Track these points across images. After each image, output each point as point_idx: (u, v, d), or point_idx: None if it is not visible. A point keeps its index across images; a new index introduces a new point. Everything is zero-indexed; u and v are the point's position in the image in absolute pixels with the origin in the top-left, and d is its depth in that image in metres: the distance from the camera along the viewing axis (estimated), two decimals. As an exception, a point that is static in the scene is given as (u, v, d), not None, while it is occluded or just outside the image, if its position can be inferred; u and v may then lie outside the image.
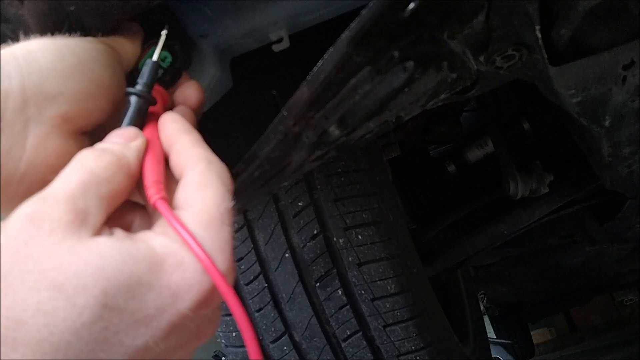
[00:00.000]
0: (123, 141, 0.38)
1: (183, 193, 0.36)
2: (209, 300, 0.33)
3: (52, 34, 0.42)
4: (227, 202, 0.36)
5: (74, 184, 0.33)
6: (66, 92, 0.38)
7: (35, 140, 0.37)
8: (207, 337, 0.35)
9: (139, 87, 0.43)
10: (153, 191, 0.36)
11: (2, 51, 0.37)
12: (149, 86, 0.44)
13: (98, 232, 0.32)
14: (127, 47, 0.46)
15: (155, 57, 0.46)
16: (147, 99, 0.43)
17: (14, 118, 0.36)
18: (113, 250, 0.30)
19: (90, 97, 0.39)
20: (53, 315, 0.28)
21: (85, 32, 0.45)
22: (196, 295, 0.32)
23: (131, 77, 0.45)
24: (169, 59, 0.50)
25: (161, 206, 0.35)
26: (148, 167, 0.38)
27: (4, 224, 0.30)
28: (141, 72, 0.44)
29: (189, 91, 0.47)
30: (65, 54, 0.39)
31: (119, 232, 0.33)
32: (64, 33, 0.42)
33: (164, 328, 0.31)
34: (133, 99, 0.42)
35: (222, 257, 0.33)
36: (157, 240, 0.33)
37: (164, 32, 0.48)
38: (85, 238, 0.31)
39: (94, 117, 0.40)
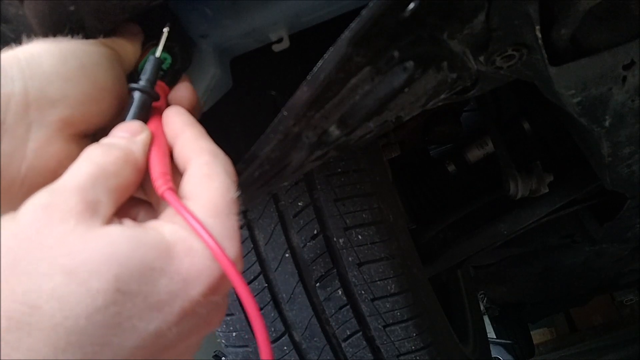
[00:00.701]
0: (129, 135, 0.38)
1: (189, 184, 0.37)
2: (219, 286, 0.33)
3: (54, 34, 0.42)
4: (233, 193, 0.36)
5: (83, 176, 0.33)
6: (69, 95, 0.38)
7: (37, 144, 0.37)
8: (216, 324, 0.35)
9: (142, 83, 0.43)
10: (160, 182, 0.36)
11: (6, 54, 0.37)
12: (152, 82, 0.44)
13: (108, 222, 0.32)
14: (128, 48, 0.46)
15: (157, 54, 0.47)
16: (150, 95, 0.43)
17: (16, 122, 0.36)
18: (124, 236, 0.31)
19: (93, 101, 0.40)
20: (67, 300, 0.28)
21: (85, 32, 0.45)
22: (207, 280, 0.32)
23: (130, 79, 0.46)
24: (169, 60, 0.50)
25: (169, 196, 0.35)
26: (154, 159, 0.38)
27: (15, 215, 0.31)
28: (144, 68, 0.45)
29: (180, 93, 0.47)
30: (68, 58, 0.39)
31: (128, 222, 0.33)
32: (66, 34, 0.42)
33: (176, 313, 0.31)
34: (136, 95, 0.42)
35: (230, 244, 0.34)
36: (166, 227, 0.33)
37: (165, 30, 0.48)
38: (96, 226, 0.31)
39: (95, 120, 0.41)
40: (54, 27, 0.44)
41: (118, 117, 0.42)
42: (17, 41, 0.40)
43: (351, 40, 0.46)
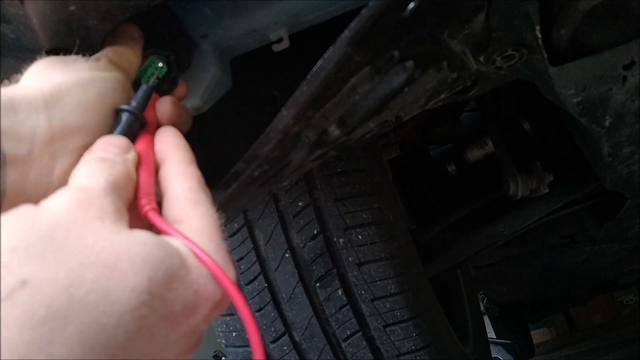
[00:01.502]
0: (119, 151, 0.39)
1: (177, 208, 0.37)
2: (222, 303, 0.34)
3: (55, 34, 0.42)
4: (218, 219, 0.38)
5: (106, 183, 0.34)
6: (90, 123, 0.40)
7: (62, 172, 0.38)
8: (198, 346, 0.35)
9: (133, 105, 0.43)
10: (145, 202, 0.37)
11: (30, 86, 0.39)
12: (141, 109, 0.44)
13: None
14: (132, 58, 0.47)
15: (151, 82, 0.47)
16: (138, 118, 0.43)
17: (42, 151, 0.37)
18: (155, 242, 0.31)
19: (111, 126, 0.41)
20: (105, 295, 0.27)
21: (87, 31, 0.45)
22: (214, 296, 0.33)
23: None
24: (165, 68, 0.50)
25: (154, 217, 0.36)
26: (140, 178, 0.39)
27: (41, 206, 0.30)
28: (135, 94, 0.45)
29: (161, 108, 0.48)
30: (87, 87, 0.40)
31: (146, 231, 0.34)
32: (72, 39, 0.43)
33: (185, 326, 0.31)
34: (125, 116, 0.42)
35: (229, 267, 0.35)
36: (175, 240, 0.34)
37: (160, 64, 0.50)
38: (127, 229, 0.31)
39: None
40: (55, 27, 0.44)
41: None
42: (17, 41, 0.40)
43: (351, 40, 0.45)
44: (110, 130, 0.41)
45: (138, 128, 0.43)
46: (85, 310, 0.26)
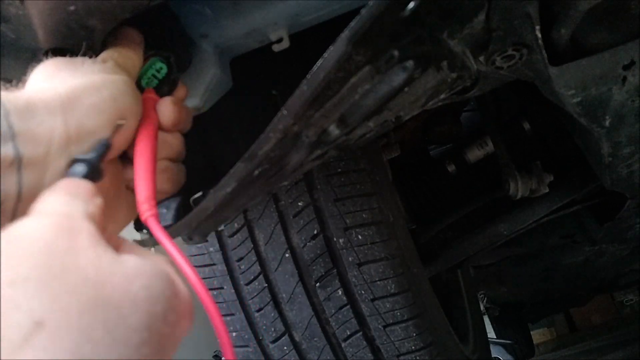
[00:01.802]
0: (86, 192, 0.35)
1: None
2: (184, 335, 0.33)
3: (55, 33, 0.43)
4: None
5: (85, 212, 0.32)
6: (104, 126, 0.40)
7: None
8: None
9: (90, 156, 0.39)
10: (145, 207, 0.37)
11: (45, 88, 0.39)
12: (100, 160, 0.39)
13: None
14: (135, 61, 0.48)
15: (109, 139, 0.42)
16: (95, 172, 0.39)
17: (58, 153, 0.37)
18: (151, 271, 0.30)
19: (124, 127, 0.42)
20: (115, 337, 0.26)
21: (88, 31, 0.45)
22: (190, 324, 0.33)
23: None
24: (165, 70, 0.50)
25: (152, 223, 0.36)
26: (140, 181, 0.39)
27: (20, 230, 0.28)
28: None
29: (161, 109, 0.48)
30: (101, 90, 0.41)
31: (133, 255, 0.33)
32: (72, 37, 0.43)
33: (168, 356, 0.31)
34: (84, 165, 0.38)
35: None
36: (165, 264, 0.33)
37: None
38: (119, 256, 0.30)
39: (126, 143, 0.43)
40: (55, 27, 0.45)
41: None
42: (17, 41, 0.40)
43: (351, 39, 0.45)
44: (135, 128, 0.42)
45: (95, 180, 0.39)
46: (102, 352, 0.25)
